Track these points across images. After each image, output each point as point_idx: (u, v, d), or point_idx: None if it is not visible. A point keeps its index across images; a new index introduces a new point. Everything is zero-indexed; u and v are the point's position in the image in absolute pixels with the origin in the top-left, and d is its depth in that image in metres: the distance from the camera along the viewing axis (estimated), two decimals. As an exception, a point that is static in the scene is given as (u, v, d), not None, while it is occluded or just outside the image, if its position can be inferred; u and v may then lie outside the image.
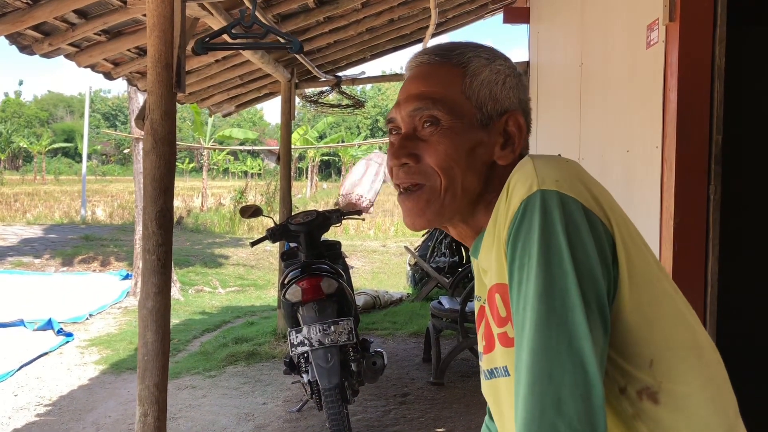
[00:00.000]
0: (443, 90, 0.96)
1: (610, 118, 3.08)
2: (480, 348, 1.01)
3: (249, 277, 10.67)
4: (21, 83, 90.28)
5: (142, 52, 4.32)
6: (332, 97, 7.16)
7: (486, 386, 1.00)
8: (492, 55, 0.99)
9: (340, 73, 6.67)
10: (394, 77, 7.44)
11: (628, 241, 0.84)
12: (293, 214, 4.46)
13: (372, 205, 12.55)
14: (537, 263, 0.79)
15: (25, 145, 42.91)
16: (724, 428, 0.85)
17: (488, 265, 0.94)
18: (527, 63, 5.43)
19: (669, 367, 0.84)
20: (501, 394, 0.93)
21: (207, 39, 3.45)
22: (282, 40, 3.73)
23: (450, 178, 0.95)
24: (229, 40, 3.54)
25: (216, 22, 3.74)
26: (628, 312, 0.83)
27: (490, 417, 1.16)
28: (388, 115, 1.03)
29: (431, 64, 1.00)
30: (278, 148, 6.59)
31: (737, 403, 0.90)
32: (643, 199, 2.60)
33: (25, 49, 3.58)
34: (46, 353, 5.80)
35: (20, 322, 6.66)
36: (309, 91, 6.86)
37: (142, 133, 2.79)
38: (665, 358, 0.84)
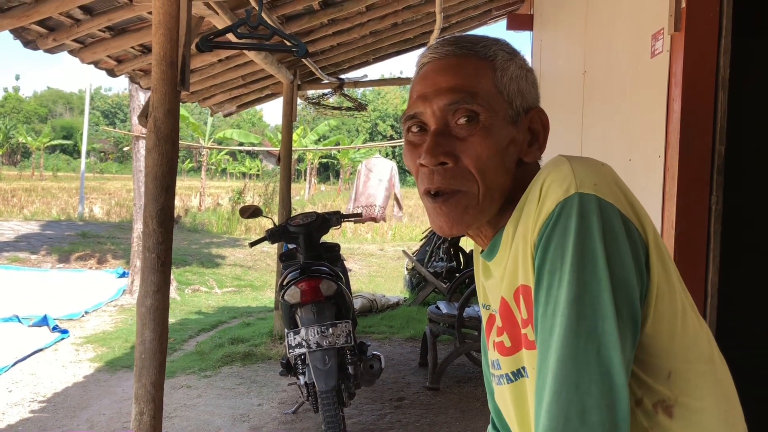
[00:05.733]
0: (477, 83, 0.91)
1: (613, 127, 3.08)
2: (493, 354, 0.99)
3: (246, 277, 10.65)
4: (18, 78, 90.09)
5: (145, 49, 4.32)
6: (333, 99, 7.17)
7: (506, 390, 0.96)
8: (512, 50, 0.96)
9: (342, 76, 6.67)
10: (397, 81, 7.46)
11: (660, 250, 0.82)
12: (292, 215, 4.45)
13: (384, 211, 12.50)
14: (570, 268, 0.76)
15: (24, 141, 42.79)
16: None
17: (504, 266, 0.91)
18: (530, 70, 5.44)
19: (686, 381, 0.82)
20: (527, 395, 0.91)
21: (212, 37, 3.45)
22: (288, 43, 3.73)
23: (489, 182, 0.90)
24: (234, 40, 3.54)
25: (221, 22, 3.74)
26: (652, 322, 0.81)
27: (494, 427, 1.14)
28: (409, 110, 0.95)
29: (457, 56, 0.93)
30: (278, 149, 6.59)
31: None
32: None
33: (30, 44, 3.57)
34: (41, 349, 5.78)
35: (15, 318, 6.64)
36: (311, 92, 6.86)
37: (143, 131, 2.80)
38: (683, 371, 0.82)
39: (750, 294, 3.14)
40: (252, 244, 4.27)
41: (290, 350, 3.48)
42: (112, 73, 4.51)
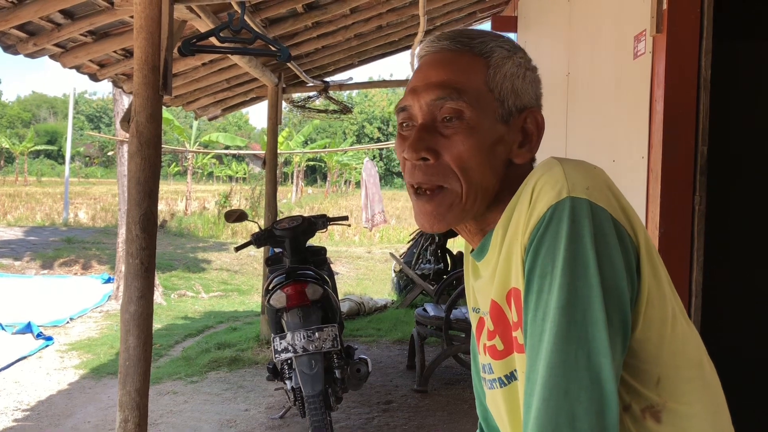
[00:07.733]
0: (466, 80, 0.90)
1: (597, 128, 3.09)
2: (484, 358, 0.97)
3: (232, 282, 10.60)
4: (0, 82, 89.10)
5: (128, 53, 4.29)
6: (319, 102, 7.15)
7: (498, 395, 0.95)
8: (512, 47, 0.95)
9: (327, 79, 6.66)
10: (382, 83, 7.45)
11: (651, 255, 0.81)
12: (278, 219, 4.43)
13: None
14: (561, 273, 0.75)
15: (7, 146, 42.39)
16: None
17: (493, 268, 0.90)
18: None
19: (675, 386, 0.82)
20: (520, 399, 0.90)
21: (194, 40, 3.43)
22: (272, 48, 3.72)
23: (471, 181, 0.89)
24: (217, 44, 3.52)
25: (204, 25, 3.72)
26: (642, 328, 0.80)
27: (482, 431, 1.14)
28: (399, 104, 0.94)
29: (452, 51, 0.92)
30: (264, 152, 6.57)
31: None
32: (628, 209, 2.60)
33: (10, 48, 3.54)
34: (24, 357, 5.72)
35: (-1, 325, 6.57)
36: (296, 95, 6.84)
37: (127, 135, 2.77)
38: (672, 376, 0.82)
39: (734, 293, 3.16)
40: (237, 249, 4.24)
41: (276, 355, 3.46)
42: (94, 77, 4.47)
